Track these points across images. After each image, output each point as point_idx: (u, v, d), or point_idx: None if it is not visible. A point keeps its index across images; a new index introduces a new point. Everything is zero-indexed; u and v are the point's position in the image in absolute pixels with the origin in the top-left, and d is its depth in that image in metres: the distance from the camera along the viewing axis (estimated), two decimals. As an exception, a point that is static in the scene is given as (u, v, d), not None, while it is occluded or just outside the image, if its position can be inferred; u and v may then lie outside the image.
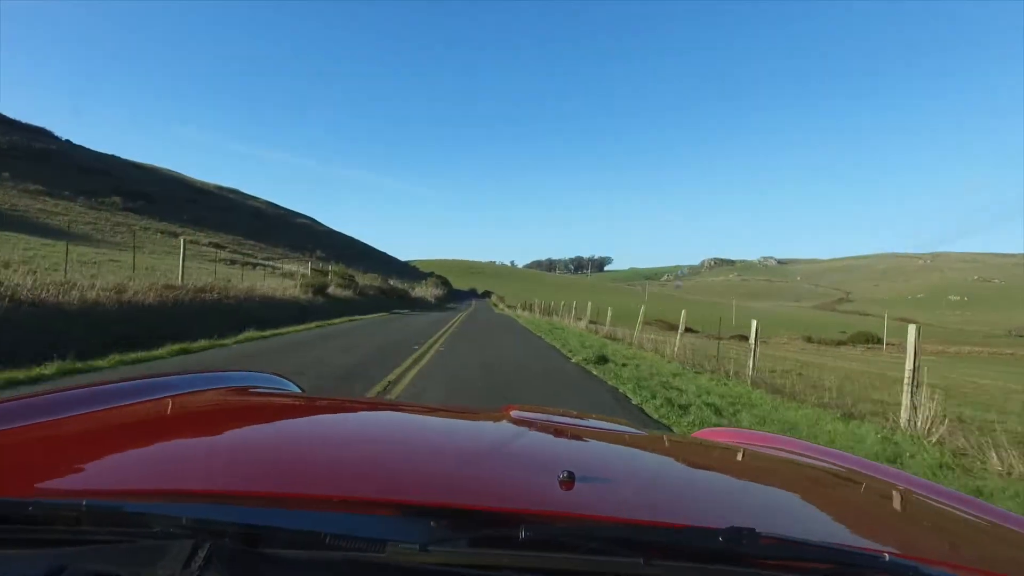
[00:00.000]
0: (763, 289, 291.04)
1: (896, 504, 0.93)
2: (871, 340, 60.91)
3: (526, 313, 40.29)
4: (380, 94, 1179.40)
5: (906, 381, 5.21)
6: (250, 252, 41.27)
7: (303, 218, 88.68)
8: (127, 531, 0.51)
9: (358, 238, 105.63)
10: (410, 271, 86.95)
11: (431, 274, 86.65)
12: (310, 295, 20.08)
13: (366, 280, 34.20)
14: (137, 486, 0.63)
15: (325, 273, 25.70)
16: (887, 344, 48.26)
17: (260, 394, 1.24)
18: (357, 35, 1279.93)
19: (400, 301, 36.32)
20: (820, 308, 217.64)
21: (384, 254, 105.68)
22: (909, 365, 5.20)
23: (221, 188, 79.52)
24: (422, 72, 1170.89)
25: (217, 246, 37.94)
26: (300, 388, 1.42)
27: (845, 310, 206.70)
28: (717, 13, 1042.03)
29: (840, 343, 57.66)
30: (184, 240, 15.55)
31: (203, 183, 77.23)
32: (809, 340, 61.32)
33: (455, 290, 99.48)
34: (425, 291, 56.03)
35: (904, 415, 5.17)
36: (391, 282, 42.85)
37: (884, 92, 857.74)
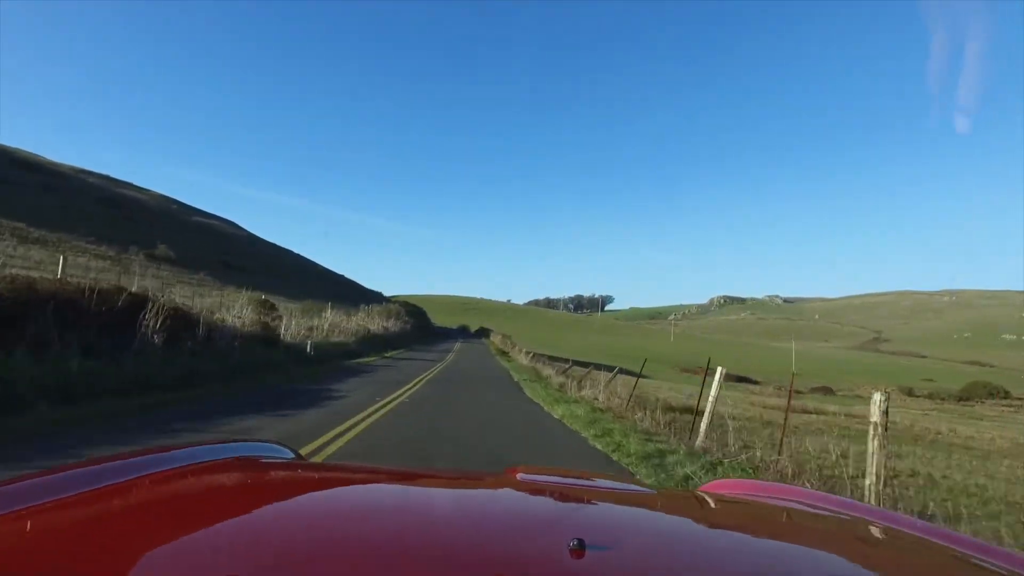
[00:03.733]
0: (784, 328, 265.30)
1: (919, 554, 0.88)
2: (996, 394, 52.60)
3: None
4: (373, 125, 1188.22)
5: None
6: None
7: (213, 219, 62.19)
8: None
9: (307, 257, 78.60)
10: (374, 298, 58.66)
11: (391, 301, 55.15)
12: None
13: None
14: None
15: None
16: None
17: (260, 466, 1.20)
18: (348, 70, 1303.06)
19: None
20: (859, 349, 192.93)
21: (341, 276, 77.23)
22: None
23: (84, 171, 53.29)
24: (415, 104, 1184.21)
25: None
26: (297, 453, 1.37)
27: (890, 351, 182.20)
28: (718, 54, 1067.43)
29: (961, 399, 50.07)
30: None
31: (55, 164, 51.13)
32: (910, 394, 52.92)
33: (436, 328, 70.98)
34: (332, 324, 22.22)
35: None
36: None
37: (888, 136, 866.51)
